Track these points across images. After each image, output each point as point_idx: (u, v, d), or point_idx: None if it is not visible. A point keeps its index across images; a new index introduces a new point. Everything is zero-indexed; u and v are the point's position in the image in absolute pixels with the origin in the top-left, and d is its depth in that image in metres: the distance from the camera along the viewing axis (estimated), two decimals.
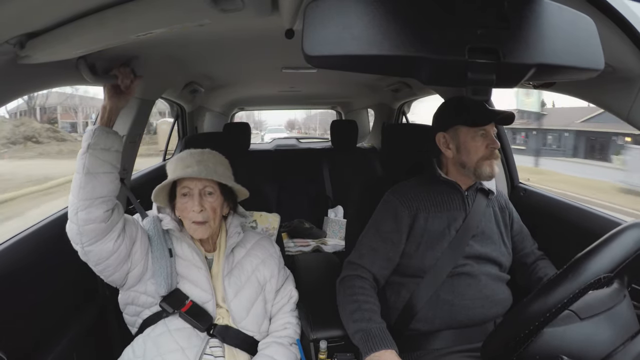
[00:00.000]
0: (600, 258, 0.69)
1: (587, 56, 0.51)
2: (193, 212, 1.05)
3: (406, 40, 0.44)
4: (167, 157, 2.51)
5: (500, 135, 1.61)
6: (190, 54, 1.44)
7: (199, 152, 1.10)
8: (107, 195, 0.95)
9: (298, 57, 0.45)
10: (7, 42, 0.74)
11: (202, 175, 1.04)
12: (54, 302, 1.12)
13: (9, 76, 0.83)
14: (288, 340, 1.11)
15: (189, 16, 0.75)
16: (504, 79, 0.49)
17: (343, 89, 2.84)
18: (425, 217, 1.11)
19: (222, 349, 1.03)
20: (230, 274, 1.10)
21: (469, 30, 0.46)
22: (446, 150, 1.13)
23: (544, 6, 0.48)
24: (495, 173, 1.08)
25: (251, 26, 1.04)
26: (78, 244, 0.95)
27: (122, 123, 1.37)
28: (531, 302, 0.70)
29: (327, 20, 0.44)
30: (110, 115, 1.01)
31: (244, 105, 3.77)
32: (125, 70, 1.03)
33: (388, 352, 0.94)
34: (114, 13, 0.72)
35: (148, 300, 1.04)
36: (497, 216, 1.17)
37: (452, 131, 1.11)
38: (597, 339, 0.69)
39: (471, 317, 1.06)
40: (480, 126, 1.08)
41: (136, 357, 0.99)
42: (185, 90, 2.04)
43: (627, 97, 0.82)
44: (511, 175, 1.61)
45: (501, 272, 1.13)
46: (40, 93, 8.15)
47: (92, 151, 0.93)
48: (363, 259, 1.10)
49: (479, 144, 1.08)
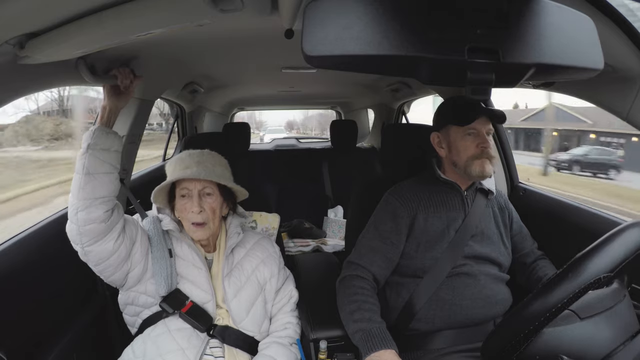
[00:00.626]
0: (600, 258, 0.69)
1: (586, 56, 0.51)
2: (192, 213, 1.04)
3: (406, 40, 0.45)
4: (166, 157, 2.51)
5: (500, 135, 1.61)
6: (190, 54, 1.44)
7: (198, 153, 1.10)
8: (107, 195, 0.95)
9: (298, 57, 0.45)
10: (7, 42, 0.74)
11: (200, 176, 1.04)
12: (54, 302, 1.12)
13: (8, 76, 0.83)
14: (288, 341, 1.11)
15: (188, 16, 0.75)
16: (504, 78, 0.49)
17: (343, 89, 2.84)
18: (425, 218, 1.11)
19: (222, 349, 1.03)
20: (230, 275, 1.10)
21: (468, 30, 0.46)
22: (440, 150, 1.14)
23: (543, 6, 0.48)
24: (487, 173, 1.07)
25: (251, 26, 1.04)
26: (78, 244, 0.95)
27: (121, 123, 1.37)
28: (531, 302, 0.70)
29: (326, 20, 0.44)
30: (110, 116, 1.01)
31: (244, 105, 3.77)
32: (125, 70, 1.03)
33: (388, 352, 0.94)
34: (114, 13, 0.72)
35: (148, 301, 1.04)
36: (497, 216, 1.17)
37: (445, 131, 1.12)
38: (597, 339, 0.70)
39: (471, 317, 1.06)
40: (468, 124, 1.08)
41: (136, 357, 0.99)
42: (184, 91, 2.04)
43: (626, 97, 0.82)
44: (511, 175, 1.61)
45: (501, 272, 1.13)
46: (71, 95, 8.61)
47: (92, 151, 0.93)
48: (363, 259, 1.10)
49: (469, 143, 1.08)
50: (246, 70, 1.95)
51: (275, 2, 0.76)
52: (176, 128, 2.54)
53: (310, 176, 2.61)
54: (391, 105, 2.75)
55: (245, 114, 6.76)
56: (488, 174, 1.08)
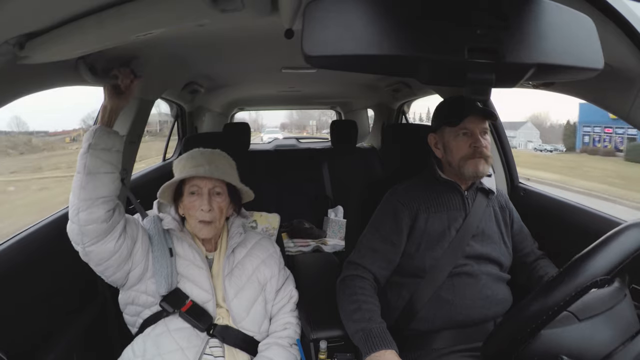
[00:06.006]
0: (599, 259, 0.69)
1: (586, 56, 0.51)
2: (201, 211, 1.05)
3: (406, 40, 0.44)
4: (166, 157, 2.51)
5: (499, 135, 1.61)
6: (190, 54, 1.44)
7: (210, 152, 1.10)
8: (109, 195, 0.95)
9: (298, 57, 0.45)
10: (7, 42, 0.74)
11: (213, 175, 1.04)
12: (54, 302, 1.12)
13: (8, 76, 0.83)
14: (288, 341, 1.11)
15: (188, 16, 0.75)
16: (504, 78, 0.49)
17: (343, 89, 2.84)
18: (426, 218, 1.11)
19: (222, 349, 1.03)
20: (231, 274, 1.10)
21: (468, 30, 0.46)
22: (436, 151, 1.15)
23: (543, 6, 0.48)
24: (481, 172, 1.07)
25: (251, 26, 1.04)
26: (79, 244, 0.95)
27: (121, 123, 1.37)
28: (531, 303, 0.70)
29: (326, 20, 0.44)
30: (110, 115, 1.01)
31: (244, 105, 3.77)
32: (125, 70, 1.03)
33: (388, 352, 0.94)
34: (114, 13, 0.72)
35: (148, 300, 1.04)
36: (498, 216, 1.17)
37: (440, 132, 1.14)
38: (597, 339, 0.69)
39: (471, 317, 1.06)
40: (459, 124, 1.08)
41: (136, 357, 0.99)
42: (185, 90, 2.04)
43: (626, 97, 0.82)
44: (511, 175, 1.61)
45: (501, 272, 1.13)
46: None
47: (93, 151, 0.93)
48: (363, 259, 1.10)
49: (462, 143, 1.08)
50: (246, 70, 1.95)
51: (275, 2, 0.76)
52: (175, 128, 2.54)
53: (310, 176, 2.61)
54: (391, 105, 2.75)
55: (248, 117, 6.85)
56: (482, 174, 1.08)
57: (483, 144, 1.07)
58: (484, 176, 1.11)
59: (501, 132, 1.61)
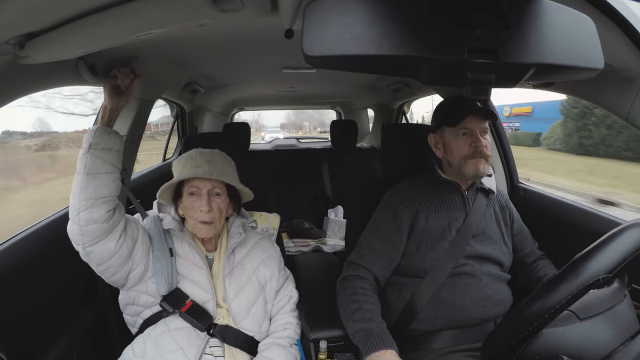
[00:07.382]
0: (599, 259, 0.69)
1: (586, 56, 0.51)
2: (201, 212, 1.05)
3: (406, 40, 0.44)
4: (167, 157, 2.51)
5: (499, 135, 1.61)
6: (190, 54, 1.44)
7: (209, 152, 1.10)
8: (109, 195, 0.95)
9: (298, 57, 0.45)
10: (7, 42, 0.74)
11: (213, 175, 1.04)
12: (54, 303, 1.12)
13: (8, 76, 0.83)
14: (288, 341, 1.11)
15: (188, 16, 0.75)
16: (504, 78, 0.49)
17: (343, 89, 2.84)
18: (426, 218, 1.11)
19: (222, 348, 1.03)
20: (231, 274, 1.10)
21: (468, 30, 0.46)
22: (436, 151, 1.15)
23: (543, 6, 0.48)
24: (481, 172, 1.07)
25: (251, 26, 1.04)
26: (80, 244, 0.95)
27: (121, 123, 1.37)
28: (531, 303, 0.70)
29: (326, 20, 0.44)
30: (110, 115, 1.01)
31: (244, 105, 3.77)
32: (126, 70, 1.03)
33: (388, 352, 0.94)
34: (114, 13, 0.72)
35: (149, 300, 1.04)
36: (498, 216, 1.17)
37: (440, 132, 1.14)
38: (597, 339, 0.70)
39: (472, 317, 1.06)
40: (459, 124, 1.08)
41: (136, 357, 0.99)
42: (185, 91, 2.04)
43: (626, 97, 0.82)
44: (511, 175, 1.61)
45: (502, 272, 1.13)
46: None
47: (94, 151, 0.93)
48: (364, 259, 1.10)
49: (461, 143, 1.08)
50: (246, 71, 1.95)
51: (275, 2, 0.76)
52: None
53: (310, 176, 2.61)
54: (391, 105, 2.75)
55: (250, 118, 6.90)
56: (482, 174, 1.08)
57: (483, 144, 1.07)
58: (484, 176, 1.11)
59: (501, 131, 1.61)
